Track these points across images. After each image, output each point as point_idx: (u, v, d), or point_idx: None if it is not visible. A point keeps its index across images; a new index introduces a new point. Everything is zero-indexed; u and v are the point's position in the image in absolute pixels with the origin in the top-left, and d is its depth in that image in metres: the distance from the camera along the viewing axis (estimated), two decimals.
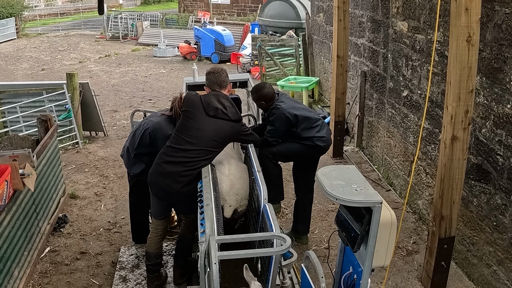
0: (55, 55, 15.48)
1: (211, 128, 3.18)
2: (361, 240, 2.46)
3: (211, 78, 3.41)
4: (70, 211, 4.99)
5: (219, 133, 3.20)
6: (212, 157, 3.24)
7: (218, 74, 3.39)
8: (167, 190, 3.20)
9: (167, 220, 3.68)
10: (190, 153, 3.14)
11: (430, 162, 4.39)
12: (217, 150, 3.26)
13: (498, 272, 3.42)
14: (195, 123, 3.21)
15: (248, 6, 21.93)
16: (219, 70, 3.44)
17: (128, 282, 3.78)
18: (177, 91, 10.09)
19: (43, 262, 4.11)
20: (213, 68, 3.48)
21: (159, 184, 3.22)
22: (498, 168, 3.36)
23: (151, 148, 3.55)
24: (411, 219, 4.68)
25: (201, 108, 3.23)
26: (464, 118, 3.21)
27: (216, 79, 3.39)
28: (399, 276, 3.84)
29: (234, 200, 3.21)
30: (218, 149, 3.27)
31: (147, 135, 3.56)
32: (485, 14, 3.32)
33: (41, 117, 4.97)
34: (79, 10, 27.78)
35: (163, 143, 3.34)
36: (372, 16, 5.67)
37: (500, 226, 3.38)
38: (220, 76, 3.39)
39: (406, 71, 4.82)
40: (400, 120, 5.05)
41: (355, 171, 2.63)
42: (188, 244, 3.56)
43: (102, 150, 6.82)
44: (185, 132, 3.21)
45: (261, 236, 2.54)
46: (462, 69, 3.11)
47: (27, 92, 7.01)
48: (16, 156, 3.80)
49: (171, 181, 3.14)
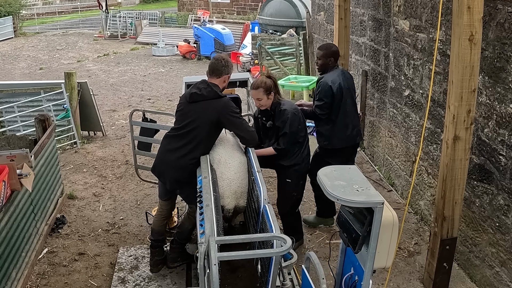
0: (53, 54, 15.43)
1: (195, 110, 3.37)
2: (362, 241, 2.43)
3: (209, 64, 3.56)
4: (68, 212, 4.95)
5: (203, 115, 3.34)
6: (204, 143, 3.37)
7: (216, 62, 3.50)
8: (164, 176, 3.54)
9: (171, 203, 3.86)
10: (182, 140, 3.38)
11: (432, 162, 4.35)
12: (209, 135, 3.38)
13: (500, 273, 3.39)
14: (183, 113, 3.47)
15: (248, 5, 21.89)
16: (219, 58, 3.55)
17: (127, 283, 3.75)
18: (177, 91, 10.10)
19: (41, 263, 4.08)
20: (217, 55, 3.65)
21: (159, 169, 3.56)
22: (500, 168, 3.33)
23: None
24: (412, 219, 4.66)
25: (185, 99, 3.49)
26: (466, 117, 3.18)
27: (210, 65, 3.52)
28: (401, 278, 3.81)
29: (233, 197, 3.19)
30: (210, 134, 3.38)
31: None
32: (488, 12, 3.29)
33: (39, 116, 4.94)
34: (77, 9, 27.73)
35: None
36: (374, 14, 5.64)
37: (503, 227, 3.35)
38: (215, 64, 3.49)
39: (407, 70, 4.79)
40: (401, 120, 5.02)
41: (356, 171, 2.60)
42: (186, 232, 3.75)
43: (101, 150, 6.78)
44: (177, 122, 3.52)
45: (261, 237, 2.52)
46: (464, 68, 3.08)
47: (25, 91, 6.98)
48: (13, 156, 3.77)
49: (166, 167, 3.46)
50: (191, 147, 3.36)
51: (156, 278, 3.80)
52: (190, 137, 3.37)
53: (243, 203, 3.24)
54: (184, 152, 3.37)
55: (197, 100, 3.37)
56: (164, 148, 3.52)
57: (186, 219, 3.75)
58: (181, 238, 3.79)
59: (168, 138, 3.53)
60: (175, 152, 3.40)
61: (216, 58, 3.54)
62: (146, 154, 4.86)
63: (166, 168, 3.48)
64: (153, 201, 5.13)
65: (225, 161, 3.32)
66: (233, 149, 3.45)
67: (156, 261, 3.86)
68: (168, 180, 3.51)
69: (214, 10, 21.73)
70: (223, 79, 3.49)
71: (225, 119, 3.37)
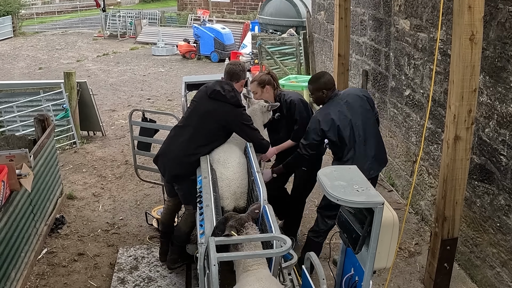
0: (52, 54, 15.40)
1: (209, 108, 3.37)
2: (362, 242, 2.43)
3: (226, 68, 3.59)
4: (68, 212, 4.94)
5: (217, 114, 3.34)
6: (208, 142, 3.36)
7: (234, 66, 3.56)
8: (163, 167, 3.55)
9: (178, 198, 3.80)
10: (186, 134, 3.40)
11: (433, 162, 4.34)
12: (216, 135, 3.37)
13: (501, 273, 3.38)
14: (197, 105, 3.47)
15: (248, 4, 21.87)
16: (236, 63, 3.64)
17: (127, 284, 3.74)
18: (176, 90, 10.08)
19: (40, 263, 4.06)
20: (232, 61, 3.81)
21: (161, 159, 3.56)
22: (501, 169, 3.32)
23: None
24: (413, 220, 4.64)
25: (205, 92, 3.45)
26: (467, 117, 3.17)
27: (230, 70, 3.55)
28: (401, 278, 3.80)
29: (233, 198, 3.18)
30: (218, 134, 3.37)
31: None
32: (489, 12, 3.28)
33: (38, 116, 4.92)
34: (76, 8, 27.69)
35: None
36: (374, 14, 5.63)
37: (504, 227, 3.34)
38: (234, 69, 3.54)
39: (408, 70, 4.77)
40: (402, 120, 5.01)
41: (356, 172, 2.59)
42: (183, 236, 3.76)
43: (100, 150, 6.77)
44: (187, 112, 3.54)
45: (260, 237, 2.50)
46: (465, 68, 3.07)
47: (24, 91, 6.96)
48: (13, 156, 3.75)
49: (167, 159, 3.48)
50: (194, 143, 3.36)
51: (156, 278, 3.79)
52: (196, 133, 3.37)
53: (243, 204, 3.22)
54: (187, 146, 3.38)
55: (217, 98, 3.36)
56: (170, 139, 3.54)
57: (182, 223, 3.75)
58: (179, 241, 3.79)
59: (176, 129, 3.54)
60: (178, 145, 3.42)
61: (233, 64, 3.60)
62: (146, 154, 4.84)
63: (167, 159, 3.51)
64: (153, 201, 5.12)
65: (224, 162, 3.30)
66: (232, 149, 3.44)
67: (165, 251, 3.92)
68: (168, 172, 3.52)
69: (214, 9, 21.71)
70: (241, 84, 3.59)
71: (237, 128, 3.42)
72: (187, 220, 3.67)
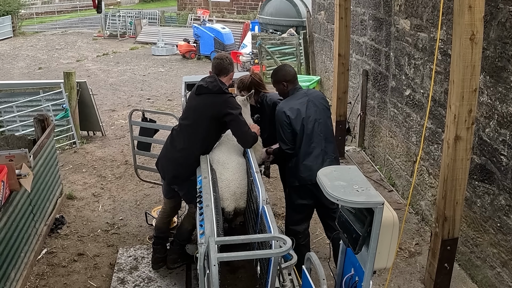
0: (52, 54, 15.39)
1: (197, 104, 3.43)
2: (362, 242, 2.42)
3: (213, 63, 3.58)
4: (68, 212, 4.93)
5: (204, 106, 3.38)
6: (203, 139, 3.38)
7: (221, 61, 3.53)
8: (164, 170, 3.58)
9: (174, 201, 3.85)
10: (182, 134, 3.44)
11: (433, 162, 4.34)
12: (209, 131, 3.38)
13: (502, 274, 3.37)
14: (188, 105, 3.56)
15: (248, 4, 21.85)
16: (222, 56, 3.59)
17: (126, 284, 3.73)
18: (176, 90, 10.07)
19: (40, 264, 4.06)
20: (219, 54, 3.67)
21: (161, 163, 3.61)
22: (502, 169, 3.31)
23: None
24: (413, 220, 4.64)
25: (193, 92, 3.53)
26: (467, 117, 3.16)
27: (217, 64, 3.54)
28: (402, 278, 3.79)
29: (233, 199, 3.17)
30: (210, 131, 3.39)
31: None
32: (489, 12, 3.27)
33: (38, 116, 4.92)
34: (76, 8, 27.68)
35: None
36: (374, 14, 5.62)
37: (504, 227, 3.33)
38: (221, 64, 3.52)
39: (408, 70, 4.77)
40: (402, 120, 5.00)
41: (356, 172, 2.58)
42: (185, 233, 3.77)
43: (100, 150, 6.76)
44: (182, 114, 3.60)
45: (260, 238, 2.50)
46: (466, 68, 3.06)
47: (24, 91, 6.95)
48: (12, 156, 3.75)
49: (167, 161, 3.52)
50: (189, 141, 3.39)
51: (156, 278, 3.79)
52: (190, 131, 3.42)
53: (243, 204, 3.22)
54: (182, 146, 3.42)
55: (201, 92, 3.42)
56: (168, 142, 3.59)
57: (185, 220, 3.76)
58: (181, 239, 3.80)
59: (173, 132, 3.59)
60: (175, 146, 3.48)
61: (219, 58, 3.57)
62: (146, 154, 4.84)
63: (167, 162, 3.53)
64: (153, 202, 5.12)
65: (223, 162, 3.30)
66: (231, 150, 3.43)
67: (157, 258, 3.90)
68: (167, 174, 3.55)
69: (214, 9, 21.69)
70: (230, 77, 3.59)
71: (222, 115, 3.33)
72: (189, 217, 3.69)
